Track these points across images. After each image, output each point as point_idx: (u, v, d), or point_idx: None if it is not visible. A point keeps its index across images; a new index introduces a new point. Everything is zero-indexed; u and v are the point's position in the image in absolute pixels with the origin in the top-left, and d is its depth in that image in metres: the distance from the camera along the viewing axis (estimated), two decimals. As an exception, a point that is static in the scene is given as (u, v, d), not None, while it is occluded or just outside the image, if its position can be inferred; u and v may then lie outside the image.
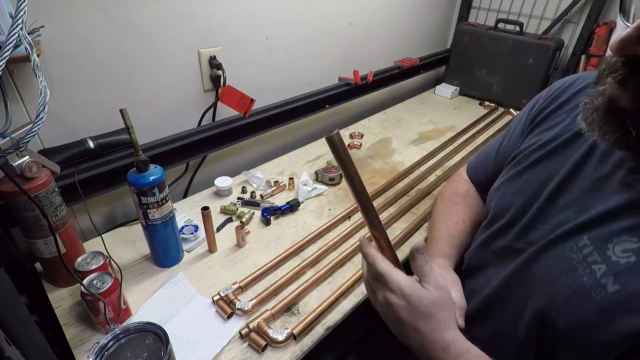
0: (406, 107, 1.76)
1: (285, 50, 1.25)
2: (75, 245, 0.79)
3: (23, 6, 0.50)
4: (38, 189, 0.67)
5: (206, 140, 1.09)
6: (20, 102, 0.78)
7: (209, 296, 0.77)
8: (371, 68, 1.53)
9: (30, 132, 0.60)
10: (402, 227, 0.99)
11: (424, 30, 1.85)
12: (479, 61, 1.75)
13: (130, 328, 0.55)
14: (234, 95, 1.07)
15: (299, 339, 0.70)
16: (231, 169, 1.28)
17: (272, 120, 1.24)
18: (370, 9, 1.48)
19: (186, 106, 1.07)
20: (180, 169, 1.12)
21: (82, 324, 0.72)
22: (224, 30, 1.06)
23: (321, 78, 1.43)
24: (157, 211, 0.76)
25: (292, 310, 0.76)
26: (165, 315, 0.74)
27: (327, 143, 0.46)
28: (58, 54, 0.79)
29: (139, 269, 0.84)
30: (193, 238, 0.91)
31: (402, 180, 1.20)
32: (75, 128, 0.87)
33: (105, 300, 0.65)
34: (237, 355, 0.68)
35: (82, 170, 0.86)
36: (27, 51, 0.55)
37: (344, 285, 0.80)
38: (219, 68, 1.05)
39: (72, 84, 0.84)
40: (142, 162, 0.72)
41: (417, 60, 1.72)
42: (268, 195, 1.08)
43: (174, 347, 0.60)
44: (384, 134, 1.50)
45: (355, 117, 1.67)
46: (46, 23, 0.71)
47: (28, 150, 0.65)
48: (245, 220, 0.98)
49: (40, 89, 0.57)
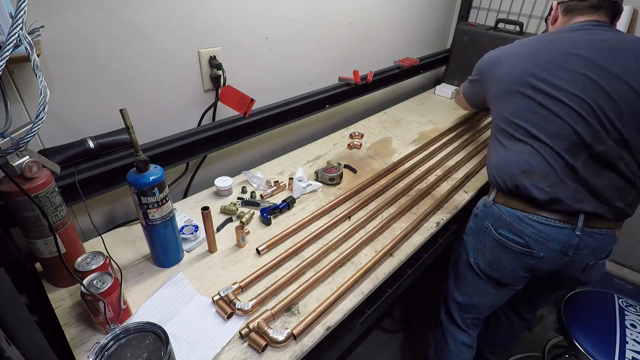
0: (406, 107, 1.76)
1: (285, 50, 1.25)
2: (75, 245, 0.80)
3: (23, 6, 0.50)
4: (38, 189, 0.67)
5: (206, 140, 1.09)
6: (20, 102, 0.78)
7: (209, 296, 0.77)
8: (371, 68, 1.53)
9: (30, 132, 0.60)
10: (402, 227, 0.99)
11: (424, 30, 1.85)
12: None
13: (130, 328, 0.55)
14: (234, 95, 1.07)
15: (299, 339, 0.70)
16: (231, 169, 1.28)
17: (272, 120, 1.25)
18: (370, 9, 1.48)
19: (186, 106, 1.07)
20: (180, 169, 1.12)
21: (82, 324, 0.72)
22: (224, 30, 1.06)
23: (321, 78, 1.43)
24: (157, 211, 0.76)
25: (292, 310, 0.76)
26: (165, 315, 0.74)
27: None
28: (58, 54, 0.79)
29: (139, 269, 0.84)
30: (193, 238, 0.91)
31: (402, 180, 1.20)
32: (75, 128, 0.87)
33: (105, 300, 0.65)
34: (237, 355, 0.68)
35: (82, 170, 0.86)
36: (27, 51, 0.55)
37: (344, 285, 0.80)
38: (219, 68, 1.05)
39: (72, 84, 0.84)
40: (142, 162, 0.72)
41: (417, 60, 1.72)
42: (268, 195, 1.09)
43: (174, 347, 0.60)
44: (384, 134, 1.50)
45: (355, 117, 1.67)
46: (46, 23, 0.71)
47: (28, 150, 0.66)
48: (245, 220, 0.98)
49: (40, 89, 0.57)
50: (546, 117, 0.89)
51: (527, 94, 0.92)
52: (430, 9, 1.81)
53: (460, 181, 1.19)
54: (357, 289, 0.82)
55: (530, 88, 0.91)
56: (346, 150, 1.37)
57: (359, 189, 1.13)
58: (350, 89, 1.47)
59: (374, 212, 1.03)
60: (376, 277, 0.85)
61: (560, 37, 0.94)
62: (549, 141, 0.88)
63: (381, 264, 0.88)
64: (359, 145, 1.39)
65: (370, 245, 0.94)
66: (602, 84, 0.84)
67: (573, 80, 0.86)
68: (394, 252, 0.92)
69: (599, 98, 0.84)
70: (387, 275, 0.86)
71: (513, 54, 1.00)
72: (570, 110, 0.86)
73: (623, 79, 0.83)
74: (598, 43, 0.88)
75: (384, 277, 0.86)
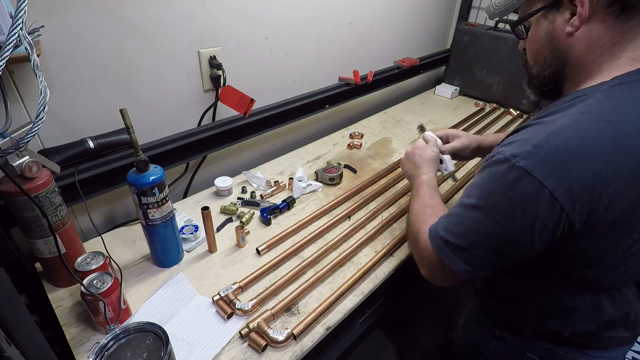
0: (406, 107, 1.76)
1: (285, 50, 1.25)
2: (75, 245, 0.79)
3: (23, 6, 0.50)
4: (38, 189, 0.67)
5: (206, 140, 1.09)
6: (20, 102, 0.78)
7: (209, 296, 0.77)
8: (371, 68, 1.53)
9: (30, 132, 0.59)
10: (402, 227, 0.99)
11: (424, 30, 1.85)
12: (479, 61, 1.75)
13: (130, 328, 0.55)
14: (234, 95, 1.07)
15: (299, 339, 0.70)
16: (231, 169, 1.28)
17: (272, 120, 1.24)
18: (370, 8, 1.48)
19: (186, 106, 1.07)
20: (180, 169, 1.12)
21: (82, 324, 0.72)
22: (224, 30, 1.06)
23: (321, 78, 1.43)
24: (157, 211, 0.76)
25: (292, 310, 0.76)
26: (165, 315, 0.74)
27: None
28: (58, 54, 0.79)
29: (139, 269, 0.84)
30: (193, 238, 0.91)
31: (402, 180, 1.20)
32: (75, 128, 0.87)
33: (105, 300, 0.65)
34: (237, 355, 0.68)
35: (82, 170, 0.86)
36: (27, 51, 0.55)
37: (344, 285, 0.80)
38: (219, 68, 1.05)
39: (72, 84, 0.84)
40: (142, 162, 0.72)
41: (417, 60, 1.72)
42: (268, 195, 1.08)
43: (174, 347, 0.60)
44: (384, 134, 1.50)
45: (355, 117, 1.67)
46: (46, 23, 0.71)
47: (28, 150, 0.65)
48: (245, 220, 0.98)
49: (40, 89, 0.57)
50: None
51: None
52: (430, 9, 1.81)
53: (460, 181, 1.19)
54: (357, 289, 0.82)
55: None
56: (346, 150, 1.37)
57: (359, 189, 1.13)
58: (350, 89, 1.47)
59: (374, 212, 1.03)
60: (376, 277, 0.85)
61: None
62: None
63: (381, 264, 0.88)
64: (359, 145, 1.39)
65: (370, 245, 0.94)
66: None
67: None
68: (394, 252, 0.92)
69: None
70: (387, 275, 0.86)
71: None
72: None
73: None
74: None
75: (384, 277, 0.85)
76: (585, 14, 0.51)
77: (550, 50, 0.57)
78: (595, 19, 0.51)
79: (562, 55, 0.56)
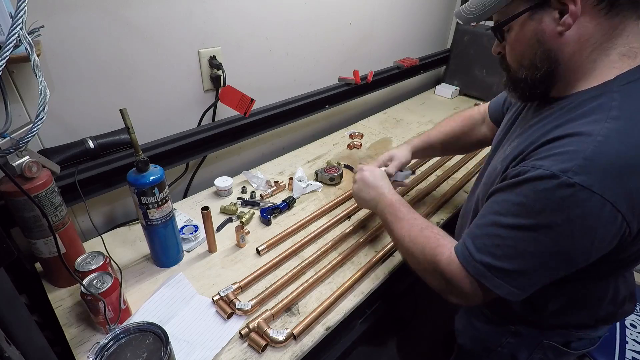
0: (406, 107, 1.76)
1: (285, 50, 1.25)
2: (75, 245, 0.79)
3: (23, 6, 0.50)
4: (38, 189, 0.67)
5: (206, 140, 1.09)
6: (20, 102, 0.78)
7: (209, 296, 0.77)
8: (371, 68, 1.53)
9: (30, 132, 0.60)
10: (402, 227, 0.99)
11: (424, 30, 1.85)
12: (479, 61, 1.75)
13: (130, 328, 0.55)
14: (234, 95, 1.07)
15: (299, 339, 0.70)
16: (231, 169, 1.28)
17: (272, 120, 1.24)
18: (370, 9, 1.48)
19: (186, 106, 1.07)
20: (180, 169, 1.12)
21: (82, 324, 0.72)
22: (224, 30, 1.06)
23: (321, 78, 1.43)
24: (157, 211, 0.76)
25: (292, 310, 0.76)
26: (165, 315, 0.74)
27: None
28: (58, 54, 0.79)
29: (139, 269, 0.84)
30: (193, 238, 0.91)
31: (402, 180, 1.20)
32: (75, 128, 0.88)
33: (105, 300, 0.65)
34: (237, 355, 0.68)
35: (82, 170, 0.86)
36: (27, 51, 0.55)
37: (344, 285, 0.80)
38: (219, 68, 1.05)
39: (72, 84, 0.84)
40: (142, 162, 0.72)
41: (417, 60, 1.72)
42: (268, 195, 1.09)
43: (174, 347, 0.60)
44: (384, 134, 1.50)
45: (355, 117, 1.67)
46: (46, 23, 0.71)
47: (28, 150, 0.66)
48: (245, 220, 0.98)
49: (40, 89, 0.57)
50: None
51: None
52: (430, 9, 1.81)
53: (461, 181, 1.19)
54: (357, 289, 0.82)
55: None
56: (346, 150, 1.37)
57: (359, 189, 1.13)
58: (350, 89, 1.47)
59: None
60: (376, 277, 0.85)
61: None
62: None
63: (381, 264, 0.88)
64: (359, 145, 1.39)
65: (370, 245, 0.94)
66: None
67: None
68: (394, 252, 0.92)
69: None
70: (387, 275, 0.86)
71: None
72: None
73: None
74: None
75: (384, 277, 0.85)
76: (578, 12, 0.50)
77: (540, 52, 0.56)
78: (586, 16, 0.51)
79: (553, 55, 0.55)
